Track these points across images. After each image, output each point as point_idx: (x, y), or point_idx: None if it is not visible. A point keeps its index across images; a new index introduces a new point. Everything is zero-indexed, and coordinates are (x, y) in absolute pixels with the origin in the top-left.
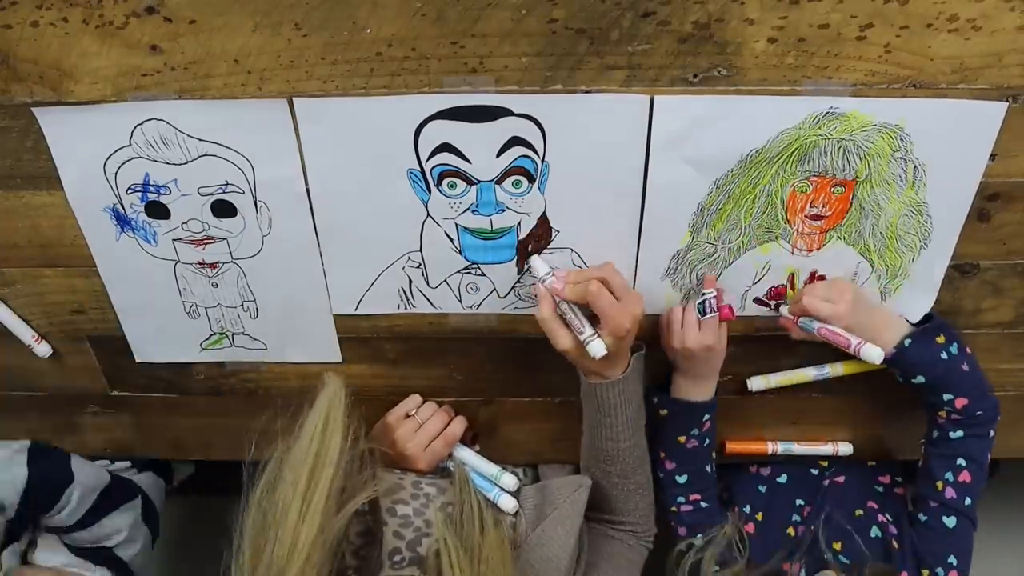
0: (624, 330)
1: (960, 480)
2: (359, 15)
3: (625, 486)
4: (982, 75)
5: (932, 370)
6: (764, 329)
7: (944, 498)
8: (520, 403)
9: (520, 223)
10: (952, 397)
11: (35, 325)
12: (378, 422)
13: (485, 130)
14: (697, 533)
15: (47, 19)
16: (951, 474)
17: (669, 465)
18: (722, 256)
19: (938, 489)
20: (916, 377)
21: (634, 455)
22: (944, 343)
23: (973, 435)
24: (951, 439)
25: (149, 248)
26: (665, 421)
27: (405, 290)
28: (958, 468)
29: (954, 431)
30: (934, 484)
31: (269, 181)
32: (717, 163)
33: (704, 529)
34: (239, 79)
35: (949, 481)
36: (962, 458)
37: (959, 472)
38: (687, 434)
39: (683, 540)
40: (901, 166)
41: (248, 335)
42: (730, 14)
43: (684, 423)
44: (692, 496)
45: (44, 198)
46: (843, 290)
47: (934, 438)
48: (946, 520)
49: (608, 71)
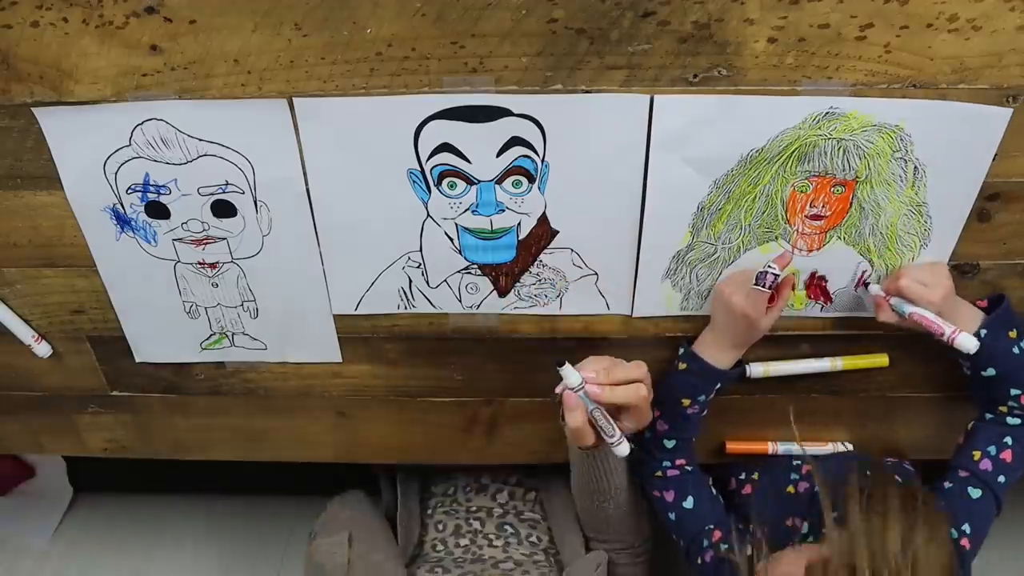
0: (647, 420)
1: (1001, 456)
2: (359, 15)
3: (618, 512)
4: (982, 75)
5: (1004, 364)
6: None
7: (978, 468)
8: (520, 403)
9: (520, 223)
10: (1019, 392)
11: (35, 325)
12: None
13: (485, 130)
14: (687, 496)
15: (47, 19)
16: (994, 448)
17: (661, 427)
18: (722, 256)
19: (974, 459)
20: (987, 370)
21: (629, 490)
22: (1016, 338)
23: None
24: (1007, 423)
25: (149, 248)
26: (677, 377)
27: (405, 290)
28: (1003, 445)
29: (1012, 419)
30: (971, 454)
31: (269, 181)
32: (717, 163)
33: (693, 491)
34: (239, 79)
35: (990, 454)
36: (1011, 438)
37: (1003, 449)
38: (693, 398)
39: (671, 506)
40: (901, 166)
41: (248, 335)
42: (730, 14)
43: (695, 386)
44: (678, 461)
45: (44, 198)
46: (941, 275)
47: (987, 419)
48: (971, 490)
49: (608, 71)
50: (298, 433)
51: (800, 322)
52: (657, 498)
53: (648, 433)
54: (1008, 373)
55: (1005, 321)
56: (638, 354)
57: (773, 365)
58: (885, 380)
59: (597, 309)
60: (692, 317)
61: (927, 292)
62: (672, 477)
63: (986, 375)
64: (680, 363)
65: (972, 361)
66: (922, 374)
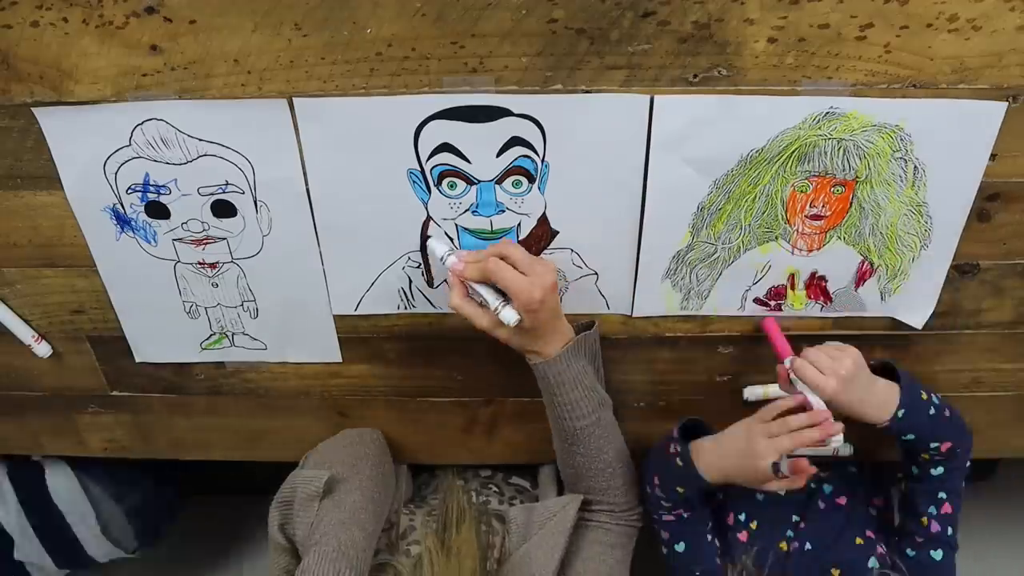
0: (535, 301)
1: (943, 512)
2: (359, 15)
3: (593, 465)
4: (982, 75)
5: (922, 429)
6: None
7: (930, 533)
8: (520, 403)
9: (520, 223)
10: (938, 444)
11: (35, 325)
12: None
13: (485, 130)
14: (680, 540)
15: (47, 19)
16: (934, 508)
17: (659, 493)
18: (722, 256)
19: (923, 524)
20: (907, 435)
21: (596, 433)
22: (927, 399)
23: (954, 468)
24: (932, 476)
25: (149, 248)
26: (672, 467)
27: (405, 290)
28: (940, 501)
29: (935, 469)
30: (919, 519)
31: (269, 181)
32: (717, 163)
33: (687, 537)
34: (239, 79)
35: (933, 515)
36: (943, 491)
37: (941, 505)
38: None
39: (665, 544)
40: (901, 166)
41: (248, 335)
42: (730, 14)
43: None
44: (676, 511)
45: (44, 198)
46: (840, 366)
47: (914, 474)
48: (933, 554)
49: (608, 71)
50: (298, 433)
51: (800, 322)
52: (655, 530)
53: (648, 489)
54: (927, 433)
55: (914, 389)
56: (638, 354)
57: (773, 388)
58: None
59: (597, 309)
60: (692, 317)
61: (820, 379)
62: (668, 521)
63: (907, 439)
64: (677, 460)
65: (895, 434)
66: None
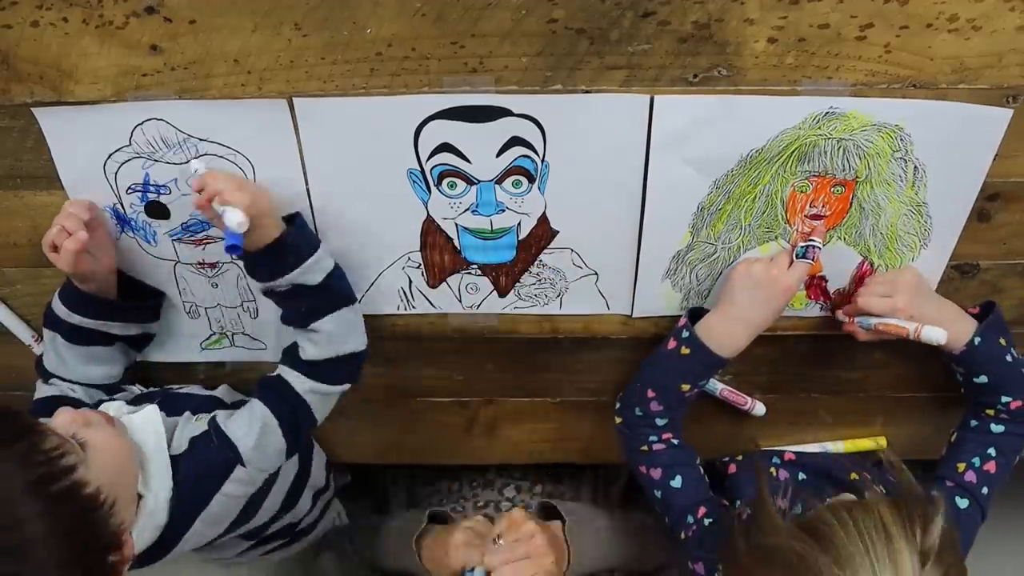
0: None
1: (985, 468)
2: (359, 15)
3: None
4: (982, 75)
5: (997, 371)
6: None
7: (963, 479)
8: (520, 403)
9: (520, 223)
10: (1009, 399)
11: (35, 325)
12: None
13: (485, 130)
14: (675, 475)
15: (47, 19)
16: (978, 460)
17: (655, 407)
18: (722, 256)
19: (959, 470)
20: (979, 376)
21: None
22: (1006, 345)
23: (1015, 432)
24: (991, 431)
25: (149, 248)
26: (678, 362)
27: (405, 290)
28: (987, 456)
29: (996, 426)
30: (956, 465)
31: (269, 181)
32: (717, 163)
33: (681, 468)
34: (239, 79)
35: (974, 466)
36: (995, 448)
37: (987, 461)
38: (694, 384)
39: (658, 484)
40: (901, 166)
41: (248, 335)
42: (730, 14)
43: (698, 374)
44: (665, 435)
45: (44, 198)
46: (898, 283)
47: (972, 426)
48: (958, 501)
49: (608, 71)
50: None
51: (800, 322)
52: (643, 474)
53: (639, 411)
54: (1000, 380)
55: (998, 328)
56: (638, 354)
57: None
58: (885, 380)
59: (597, 309)
60: None
61: (886, 302)
62: (658, 452)
63: (978, 382)
64: (682, 348)
65: (966, 367)
66: (921, 375)
